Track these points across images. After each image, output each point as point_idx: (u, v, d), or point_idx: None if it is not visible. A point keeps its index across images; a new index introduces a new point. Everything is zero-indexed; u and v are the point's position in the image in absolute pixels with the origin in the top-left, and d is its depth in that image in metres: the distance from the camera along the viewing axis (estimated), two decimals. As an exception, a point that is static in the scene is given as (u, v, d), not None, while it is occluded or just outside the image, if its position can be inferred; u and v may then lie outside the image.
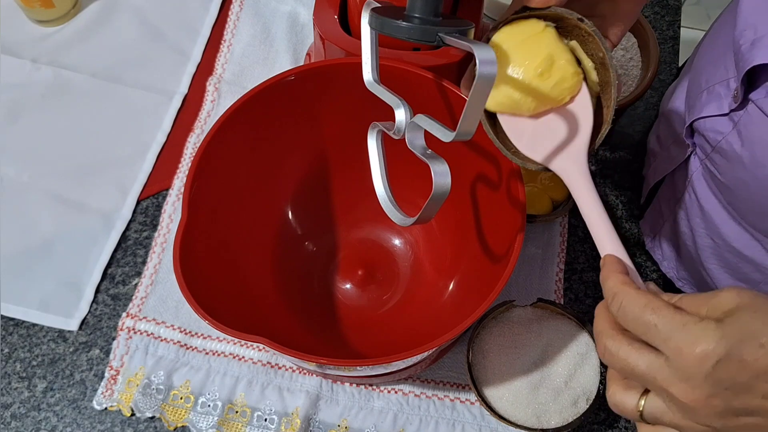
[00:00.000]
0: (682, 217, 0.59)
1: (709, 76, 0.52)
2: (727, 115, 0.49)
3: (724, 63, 0.50)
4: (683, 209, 0.59)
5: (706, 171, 0.54)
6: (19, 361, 0.59)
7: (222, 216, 0.52)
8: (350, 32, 0.53)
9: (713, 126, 0.51)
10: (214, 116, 0.70)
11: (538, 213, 0.62)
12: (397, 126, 0.43)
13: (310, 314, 0.58)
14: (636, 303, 0.33)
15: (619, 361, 0.34)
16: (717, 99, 0.50)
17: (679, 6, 0.79)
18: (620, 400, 0.35)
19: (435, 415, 0.58)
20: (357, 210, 0.61)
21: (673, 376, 0.31)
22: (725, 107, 0.49)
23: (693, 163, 0.56)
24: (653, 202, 0.65)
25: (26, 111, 0.69)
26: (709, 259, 0.58)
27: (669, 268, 0.64)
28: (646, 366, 0.32)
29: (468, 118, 0.36)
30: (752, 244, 0.53)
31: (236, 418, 0.57)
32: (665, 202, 0.62)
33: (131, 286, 0.62)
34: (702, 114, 0.51)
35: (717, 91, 0.50)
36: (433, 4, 0.40)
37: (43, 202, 0.65)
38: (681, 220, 0.60)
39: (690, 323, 0.31)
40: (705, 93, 0.52)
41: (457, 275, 0.58)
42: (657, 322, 0.32)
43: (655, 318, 0.32)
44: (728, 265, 0.57)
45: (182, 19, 0.76)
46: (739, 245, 0.54)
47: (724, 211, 0.54)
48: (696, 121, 0.52)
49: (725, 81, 0.50)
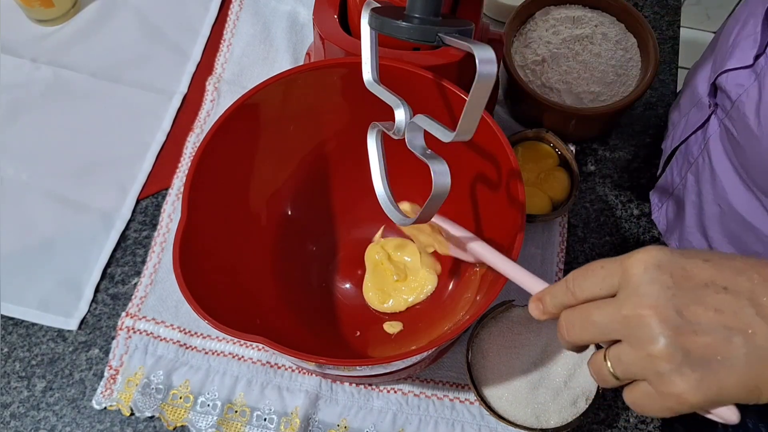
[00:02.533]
0: (692, 184, 0.60)
1: (737, 34, 0.53)
2: (751, 66, 0.50)
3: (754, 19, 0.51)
4: (695, 175, 0.60)
5: (723, 131, 0.55)
6: (19, 360, 0.59)
7: (222, 215, 0.51)
8: (350, 32, 0.53)
9: (736, 79, 0.52)
10: (214, 116, 0.70)
11: (538, 213, 0.62)
12: (396, 126, 0.43)
13: (309, 314, 0.58)
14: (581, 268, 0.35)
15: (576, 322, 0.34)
16: (742, 51, 0.51)
17: (679, 6, 0.79)
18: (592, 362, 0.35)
19: (434, 415, 0.58)
20: (357, 210, 0.61)
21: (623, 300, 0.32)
22: (750, 58, 0.50)
23: (711, 125, 0.57)
24: (665, 173, 0.65)
25: (26, 110, 0.69)
26: (713, 228, 0.59)
27: (671, 240, 0.65)
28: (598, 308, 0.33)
29: (468, 117, 0.36)
30: (759, 212, 0.53)
31: (236, 418, 0.57)
32: (677, 170, 0.63)
33: (131, 285, 0.62)
34: (726, 66, 0.52)
35: (742, 45, 0.51)
36: (433, 4, 0.40)
37: (43, 201, 0.65)
38: (690, 187, 0.60)
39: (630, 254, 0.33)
40: (731, 48, 0.53)
41: (456, 275, 0.58)
42: (603, 264, 0.34)
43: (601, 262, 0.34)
44: (731, 235, 0.57)
45: (182, 18, 0.76)
46: (744, 211, 0.54)
47: (736, 175, 0.54)
48: (720, 77, 0.53)
49: (752, 35, 0.51)
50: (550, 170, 0.64)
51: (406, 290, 0.59)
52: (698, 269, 0.31)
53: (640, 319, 0.31)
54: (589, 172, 0.69)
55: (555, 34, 0.67)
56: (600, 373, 0.35)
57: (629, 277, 0.32)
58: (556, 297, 0.36)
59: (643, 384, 0.32)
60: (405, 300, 0.59)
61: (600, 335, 0.33)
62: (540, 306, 0.38)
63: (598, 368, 0.35)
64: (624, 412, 0.59)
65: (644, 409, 0.33)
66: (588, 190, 0.68)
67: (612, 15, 0.68)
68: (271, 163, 0.56)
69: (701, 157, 0.58)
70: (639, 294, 0.31)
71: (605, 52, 0.66)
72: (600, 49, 0.66)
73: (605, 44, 0.66)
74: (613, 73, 0.65)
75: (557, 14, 0.69)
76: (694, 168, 0.60)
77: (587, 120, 0.65)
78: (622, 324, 0.32)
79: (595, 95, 0.65)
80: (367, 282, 0.60)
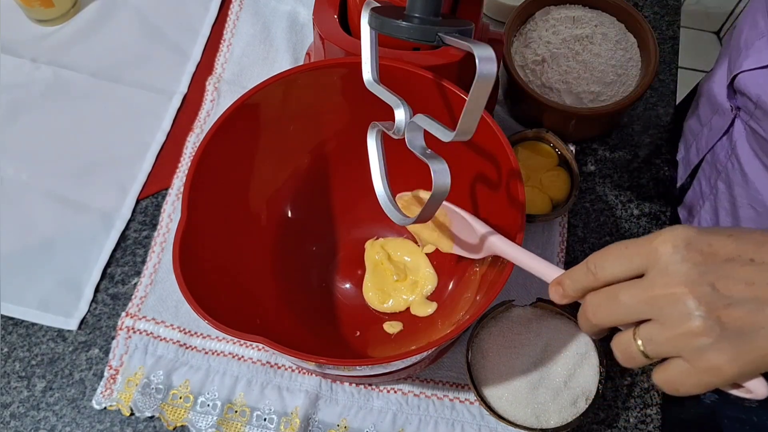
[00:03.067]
0: (723, 192, 0.60)
1: (749, 33, 0.54)
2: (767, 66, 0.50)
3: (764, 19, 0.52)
4: (725, 182, 0.60)
5: (750, 132, 0.55)
6: (19, 360, 0.59)
7: (221, 215, 0.51)
8: (350, 32, 0.53)
9: (754, 79, 0.52)
10: (214, 116, 0.70)
11: (538, 213, 0.62)
12: (396, 126, 0.43)
13: (309, 314, 0.58)
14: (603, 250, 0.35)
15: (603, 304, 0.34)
16: (756, 53, 0.51)
17: (678, 6, 0.79)
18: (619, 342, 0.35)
19: (434, 415, 0.58)
20: (357, 209, 0.61)
21: (653, 280, 0.32)
22: (766, 59, 0.50)
23: (736, 129, 0.57)
24: (693, 186, 0.65)
25: (26, 110, 0.69)
26: None
27: None
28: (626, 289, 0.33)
29: (467, 117, 0.36)
30: None
31: (235, 418, 0.57)
32: (706, 181, 0.63)
33: (131, 285, 0.62)
34: (742, 68, 0.52)
35: (757, 46, 0.52)
36: (433, 4, 0.40)
37: (43, 201, 0.65)
38: (722, 195, 0.60)
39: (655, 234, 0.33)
40: (744, 50, 0.53)
41: (456, 275, 0.58)
42: (627, 245, 0.34)
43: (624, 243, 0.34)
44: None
45: (182, 18, 0.76)
46: None
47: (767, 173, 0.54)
48: (737, 77, 0.54)
49: (765, 36, 0.51)
50: (550, 170, 0.64)
51: (406, 290, 0.59)
52: (722, 244, 0.32)
53: (674, 297, 0.32)
54: (589, 172, 0.69)
55: (555, 34, 0.67)
56: (627, 353, 0.34)
57: (658, 257, 0.32)
58: (577, 280, 0.36)
59: (677, 361, 0.33)
60: (405, 300, 0.59)
61: (629, 316, 0.34)
62: (560, 290, 0.38)
63: (626, 348, 0.34)
64: (624, 412, 0.59)
65: (678, 387, 0.33)
66: (588, 190, 0.68)
67: (612, 15, 0.69)
68: (271, 163, 0.56)
69: (730, 162, 0.58)
70: (670, 273, 0.32)
71: (605, 52, 0.66)
72: (600, 49, 0.66)
73: (605, 44, 0.66)
74: (613, 73, 0.65)
75: (557, 14, 0.69)
76: (724, 175, 0.59)
77: (587, 120, 0.65)
78: (653, 304, 0.32)
79: (595, 95, 0.65)
80: (367, 282, 0.60)
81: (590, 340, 0.54)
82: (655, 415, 0.59)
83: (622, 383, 0.60)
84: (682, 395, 0.33)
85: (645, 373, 0.60)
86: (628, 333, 0.34)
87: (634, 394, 0.60)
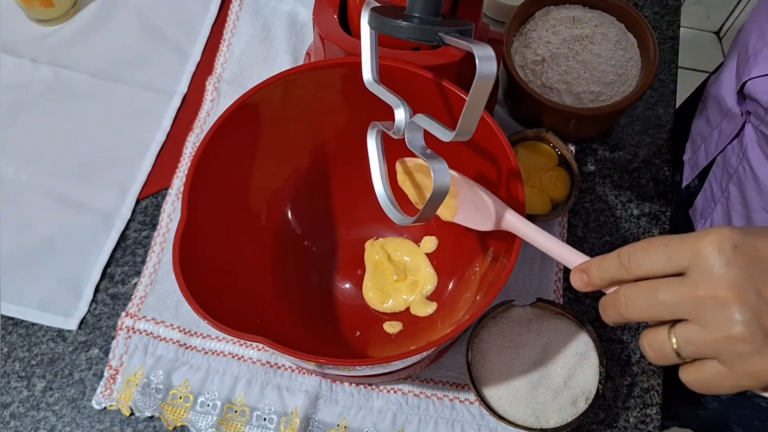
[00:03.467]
0: (735, 195, 0.60)
1: (756, 41, 0.53)
2: None
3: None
4: (737, 185, 0.59)
5: (761, 137, 0.55)
6: (18, 360, 0.59)
7: (221, 215, 0.51)
8: (350, 32, 0.53)
9: (763, 86, 0.52)
10: (214, 116, 0.70)
11: (538, 213, 0.62)
12: (396, 126, 0.43)
13: (309, 314, 0.58)
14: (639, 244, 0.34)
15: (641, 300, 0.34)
16: (765, 60, 0.51)
17: (678, 6, 0.79)
18: (652, 339, 0.34)
19: (434, 415, 0.58)
20: (357, 209, 0.61)
21: (696, 281, 0.32)
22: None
23: (747, 133, 0.57)
24: (704, 188, 0.65)
25: (25, 110, 0.69)
26: None
27: None
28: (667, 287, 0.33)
29: (467, 117, 0.36)
30: None
31: (235, 418, 0.57)
32: (717, 183, 0.62)
33: (130, 285, 0.62)
34: (752, 75, 0.52)
35: (765, 54, 0.51)
36: (433, 4, 0.40)
37: (43, 201, 0.65)
38: (734, 198, 0.60)
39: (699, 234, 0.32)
40: (752, 57, 0.53)
41: (456, 275, 0.58)
42: (667, 242, 0.33)
43: (663, 239, 0.33)
44: None
45: (182, 18, 0.76)
46: None
47: None
48: (747, 84, 0.53)
49: None
50: (550, 170, 0.64)
51: (406, 290, 0.59)
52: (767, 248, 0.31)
53: (718, 301, 0.31)
54: (589, 172, 0.69)
55: (555, 34, 0.67)
56: (660, 351, 0.34)
57: (702, 258, 0.32)
58: (606, 271, 0.35)
59: (713, 363, 0.32)
60: (405, 300, 0.59)
61: (667, 314, 0.33)
62: (584, 277, 0.37)
63: (660, 345, 0.34)
64: (624, 412, 0.59)
65: (713, 388, 0.33)
66: (588, 190, 0.68)
67: (612, 15, 0.68)
68: (271, 163, 0.56)
69: (741, 166, 0.58)
70: (715, 276, 0.31)
71: (605, 52, 0.66)
72: (600, 49, 0.66)
73: (605, 44, 0.66)
74: (613, 73, 0.65)
75: (557, 14, 0.69)
76: (735, 178, 0.59)
77: (587, 120, 0.65)
78: (696, 305, 0.32)
79: (595, 95, 0.65)
80: (367, 282, 0.60)
81: (590, 340, 0.54)
82: (655, 415, 0.59)
83: (622, 383, 0.60)
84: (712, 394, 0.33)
85: (645, 373, 0.60)
86: (662, 331, 0.34)
87: (634, 394, 0.60)
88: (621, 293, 0.35)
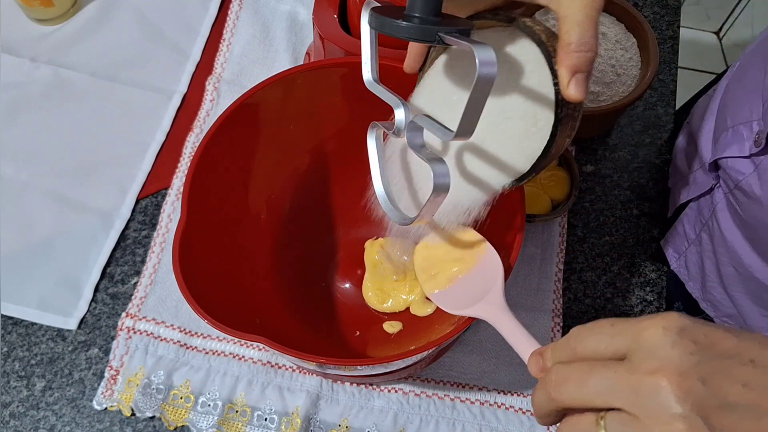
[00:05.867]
0: (706, 243, 0.59)
1: (734, 114, 0.52)
2: (749, 157, 0.49)
3: (749, 104, 0.50)
4: (708, 235, 0.58)
5: (730, 205, 0.54)
6: (18, 360, 0.59)
7: (221, 215, 0.51)
8: (350, 32, 0.53)
9: (735, 165, 0.51)
10: (214, 115, 0.70)
11: (538, 213, 0.62)
12: (396, 126, 0.43)
13: (309, 314, 0.58)
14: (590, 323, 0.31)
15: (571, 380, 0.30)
16: (739, 140, 0.50)
17: (678, 6, 0.79)
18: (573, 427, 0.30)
19: (435, 414, 0.58)
20: (357, 209, 0.61)
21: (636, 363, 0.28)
22: (746, 150, 0.49)
23: (717, 195, 0.56)
24: (676, 225, 0.64)
25: (25, 110, 0.69)
26: (733, 287, 0.58)
27: (694, 288, 0.64)
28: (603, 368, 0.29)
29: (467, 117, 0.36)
30: None
31: (236, 418, 0.57)
32: (690, 225, 0.62)
33: (130, 285, 0.62)
34: (725, 154, 0.51)
35: (740, 132, 0.50)
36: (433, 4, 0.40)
37: (42, 201, 0.65)
38: (705, 245, 0.59)
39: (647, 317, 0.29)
40: (730, 131, 0.52)
41: (456, 275, 0.58)
42: (613, 322, 0.30)
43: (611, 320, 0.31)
44: (752, 293, 0.56)
45: (181, 18, 0.76)
46: (762, 276, 0.53)
47: (747, 244, 0.53)
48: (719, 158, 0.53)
49: (749, 123, 0.49)
50: (550, 170, 0.64)
51: (405, 290, 0.59)
52: (721, 337, 0.28)
53: (656, 386, 0.27)
54: (589, 172, 0.69)
55: (555, 33, 0.67)
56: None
57: (645, 339, 0.28)
58: (558, 352, 0.32)
59: None
60: (404, 300, 0.59)
61: (599, 399, 0.29)
62: (539, 361, 0.34)
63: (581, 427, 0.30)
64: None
65: None
66: (588, 190, 0.68)
67: (612, 15, 0.68)
68: (271, 163, 0.56)
69: (711, 221, 0.57)
70: (657, 358, 0.27)
71: (605, 52, 0.66)
72: (600, 49, 0.66)
73: (605, 44, 0.66)
74: (612, 73, 0.65)
75: (557, 14, 0.68)
76: (707, 228, 0.58)
77: (587, 120, 0.65)
78: (632, 390, 0.28)
79: (595, 95, 0.65)
80: (367, 282, 0.60)
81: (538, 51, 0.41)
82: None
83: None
84: None
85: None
86: (588, 418, 0.29)
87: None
88: (552, 372, 0.31)
